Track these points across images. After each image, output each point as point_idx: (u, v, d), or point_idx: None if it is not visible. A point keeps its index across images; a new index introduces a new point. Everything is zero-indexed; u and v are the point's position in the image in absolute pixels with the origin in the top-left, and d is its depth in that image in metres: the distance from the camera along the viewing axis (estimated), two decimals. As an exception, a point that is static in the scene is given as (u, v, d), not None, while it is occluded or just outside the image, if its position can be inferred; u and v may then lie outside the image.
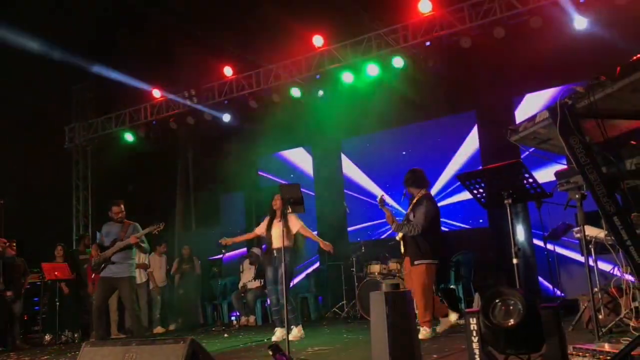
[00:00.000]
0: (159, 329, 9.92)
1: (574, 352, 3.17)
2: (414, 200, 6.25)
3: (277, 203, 6.82)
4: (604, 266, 6.15)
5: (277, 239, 6.73)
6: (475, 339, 2.77)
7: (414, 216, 6.12)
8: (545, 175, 5.07)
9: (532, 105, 8.91)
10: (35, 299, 10.05)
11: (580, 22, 8.08)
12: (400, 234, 6.32)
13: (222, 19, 10.62)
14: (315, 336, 6.69)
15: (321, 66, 9.88)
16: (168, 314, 10.46)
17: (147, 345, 3.49)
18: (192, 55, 10.85)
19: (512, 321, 2.65)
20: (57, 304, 9.00)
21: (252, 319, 9.83)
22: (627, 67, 2.72)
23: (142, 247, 6.83)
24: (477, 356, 2.76)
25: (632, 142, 3.01)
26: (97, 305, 6.75)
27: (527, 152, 6.92)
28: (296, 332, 6.67)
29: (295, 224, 6.84)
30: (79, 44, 10.83)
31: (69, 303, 9.20)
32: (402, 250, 6.36)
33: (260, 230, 7.11)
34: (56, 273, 8.91)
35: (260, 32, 10.18)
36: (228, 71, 10.81)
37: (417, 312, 5.78)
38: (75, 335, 9.15)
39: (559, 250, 8.02)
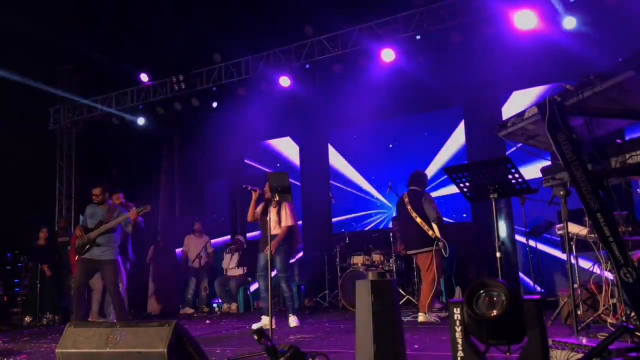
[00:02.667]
0: (203, 308, 10.20)
1: (552, 346, 3.23)
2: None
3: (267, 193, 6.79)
4: (584, 263, 6.25)
5: (274, 225, 6.79)
6: (458, 329, 2.81)
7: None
8: (528, 172, 5.13)
9: (519, 102, 9.00)
10: (16, 280, 9.98)
11: (569, 22, 8.15)
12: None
13: (212, 4, 10.55)
14: (297, 324, 6.72)
15: (311, 56, 9.86)
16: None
17: (132, 327, 3.51)
18: (181, 40, 10.78)
19: (495, 312, 2.69)
20: (38, 286, 8.96)
21: (234, 306, 9.85)
22: (616, 66, 2.77)
23: (130, 227, 6.85)
24: (459, 345, 2.80)
25: (617, 140, 3.07)
26: (77, 287, 6.72)
27: (513, 149, 7.01)
28: (293, 320, 6.78)
29: (288, 219, 6.89)
30: (65, 25, 10.71)
31: (50, 285, 9.16)
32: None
33: (252, 217, 7.02)
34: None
35: (251, 20, 10.14)
36: (217, 58, 10.74)
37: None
38: (56, 318, 9.10)
39: (540, 247, 8.12)
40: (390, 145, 10.54)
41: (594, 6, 7.99)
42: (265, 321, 6.59)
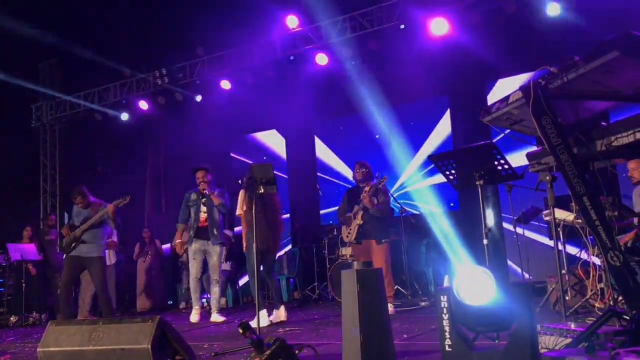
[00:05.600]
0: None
1: (541, 331, 3.21)
2: (370, 188, 6.70)
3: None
4: (571, 249, 6.27)
5: None
6: (445, 317, 2.78)
7: (377, 201, 6.63)
8: (514, 160, 5.11)
9: (504, 90, 8.97)
10: (0, 279, 9.84)
11: (553, 9, 8.13)
12: (359, 220, 6.69)
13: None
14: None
15: (295, 47, 9.78)
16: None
17: (114, 324, 3.44)
18: (163, 33, 10.65)
19: (482, 299, 2.66)
20: (24, 285, 8.85)
21: (222, 300, 9.78)
22: (599, 48, 2.73)
23: (116, 221, 6.80)
24: (447, 334, 2.77)
25: (602, 123, 3.04)
26: (64, 285, 6.67)
27: (499, 137, 7.00)
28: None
29: (239, 206, 6.45)
30: (46, 20, 10.54)
31: (35, 284, 9.05)
32: (355, 235, 6.77)
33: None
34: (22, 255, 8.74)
35: (234, 12, 10.04)
36: (200, 51, 10.63)
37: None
38: (42, 317, 9.00)
39: (528, 234, 8.14)
40: (377, 136, 10.49)
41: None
42: (275, 314, 6.34)
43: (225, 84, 10.52)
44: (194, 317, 6.96)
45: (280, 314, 6.26)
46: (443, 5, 8.59)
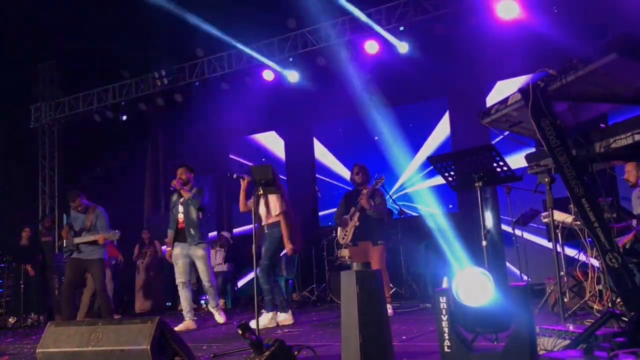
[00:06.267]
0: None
1: (540, 333, 3.22)
2: (367, 190, 6.68)
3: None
4: (570, 251, 6.27)
5: (263, 217, 6.37)
6: (444, 318, 2.78)
7: (374, 203, 6.63)
8: (514, 161, 5.12)
9: (502, 92, 8.98)
10: (-1, 281, 9.85)
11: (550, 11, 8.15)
12: (355, 221, 6.73)
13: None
14: (285, 319, 6.68)
15: (294, 49, 9.79)
16: None
17: (114, 325, 3.45)
18: (163, 34, 10.66)
19: (481, 301, 2.67)
20: (22, 286, 8.84)
21: (221, 302, 9.77)
22: (598, 50, 2.73)
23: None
24: (446, 335, 2.77)
25: (601, 125, 3.05)
26: (67, 286, 6.69)
27: (498, 138, 7.01)
28: (264, 318, 6.05)
29: (277, 207, 6.27)
30: (46, 21, 10.55)
31: (34, 285, 9.05)
32: (351, 237, 6.78)
33: (244, 206, 6.46)
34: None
35: (234, 13, 10.05)
36: (199, 52, 10.63)
37: None
38: (41, 318, 9.00)
39: (527, 235, 8.14)
40: (376, 138, 10.49)
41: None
42: (271, 317, 6.18)
43: (224, 86, 10.53)
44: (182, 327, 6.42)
45: (288, 317, 6.24)
46: (446, 6, 8.60)
